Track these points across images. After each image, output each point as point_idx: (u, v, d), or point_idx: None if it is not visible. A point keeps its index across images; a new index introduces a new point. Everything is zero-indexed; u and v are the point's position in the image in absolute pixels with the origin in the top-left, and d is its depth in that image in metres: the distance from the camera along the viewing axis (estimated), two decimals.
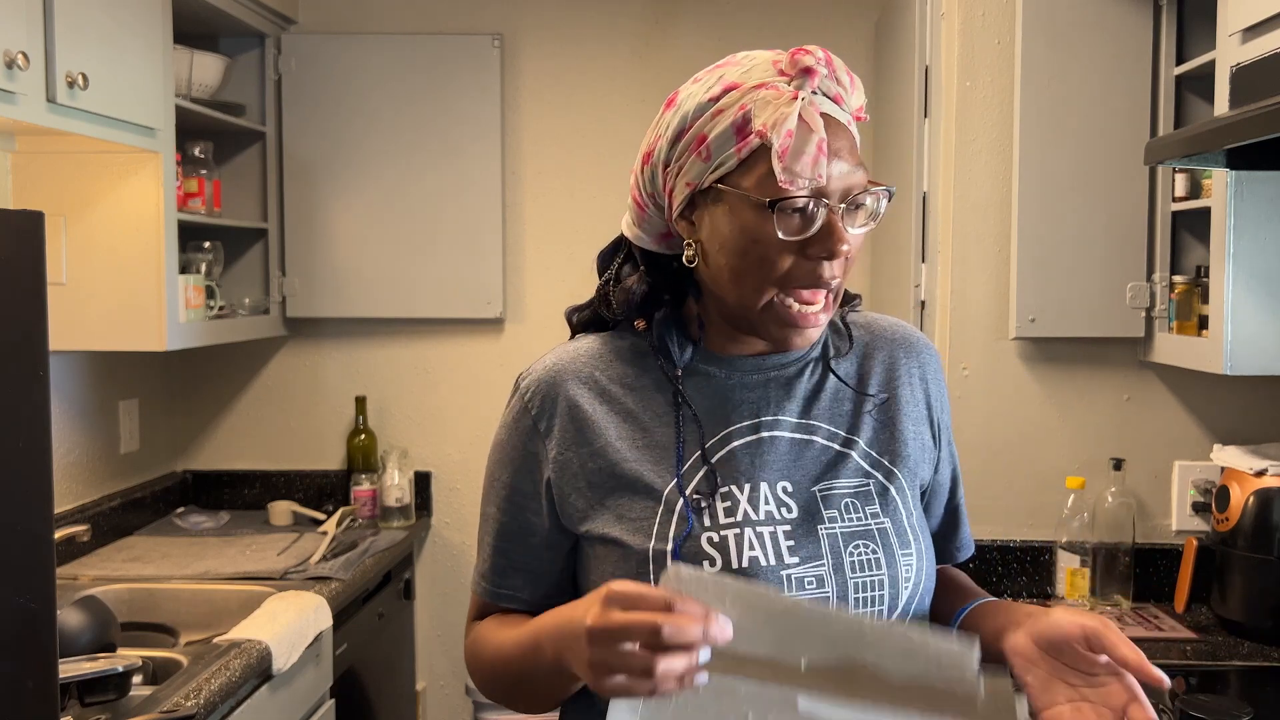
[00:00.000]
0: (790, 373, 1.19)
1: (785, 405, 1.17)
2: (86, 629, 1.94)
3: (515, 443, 1.19)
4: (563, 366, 1.18)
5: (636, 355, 1.19)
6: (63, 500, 2.65)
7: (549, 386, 1.17)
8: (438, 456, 3.32)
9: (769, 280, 1.08)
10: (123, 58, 2.26)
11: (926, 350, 1.26)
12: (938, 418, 1.24)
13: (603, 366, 1.18)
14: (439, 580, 3.33)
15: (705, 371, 1.18)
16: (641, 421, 1.15)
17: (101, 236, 2.44)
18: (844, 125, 1.08)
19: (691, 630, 0.88)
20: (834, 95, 1.08)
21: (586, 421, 1.15)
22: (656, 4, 3.23)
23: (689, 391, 1.17)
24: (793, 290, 1.08)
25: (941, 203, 2.39)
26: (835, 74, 1.07)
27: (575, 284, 3.27)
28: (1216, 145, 1.64)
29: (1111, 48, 2.23)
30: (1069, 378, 2.37)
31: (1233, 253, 1.92)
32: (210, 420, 3.32)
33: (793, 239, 1.06)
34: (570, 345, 1.22)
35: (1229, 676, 1.99)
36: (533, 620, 1.09)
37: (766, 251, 1.06)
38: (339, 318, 3.26)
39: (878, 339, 1.24)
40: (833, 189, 1.06)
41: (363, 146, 3.18)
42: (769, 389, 1.17)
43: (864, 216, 1.09)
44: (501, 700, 1.20)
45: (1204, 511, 2.27)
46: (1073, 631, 1.01)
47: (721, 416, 1.16)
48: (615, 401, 1.16)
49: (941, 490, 1.26)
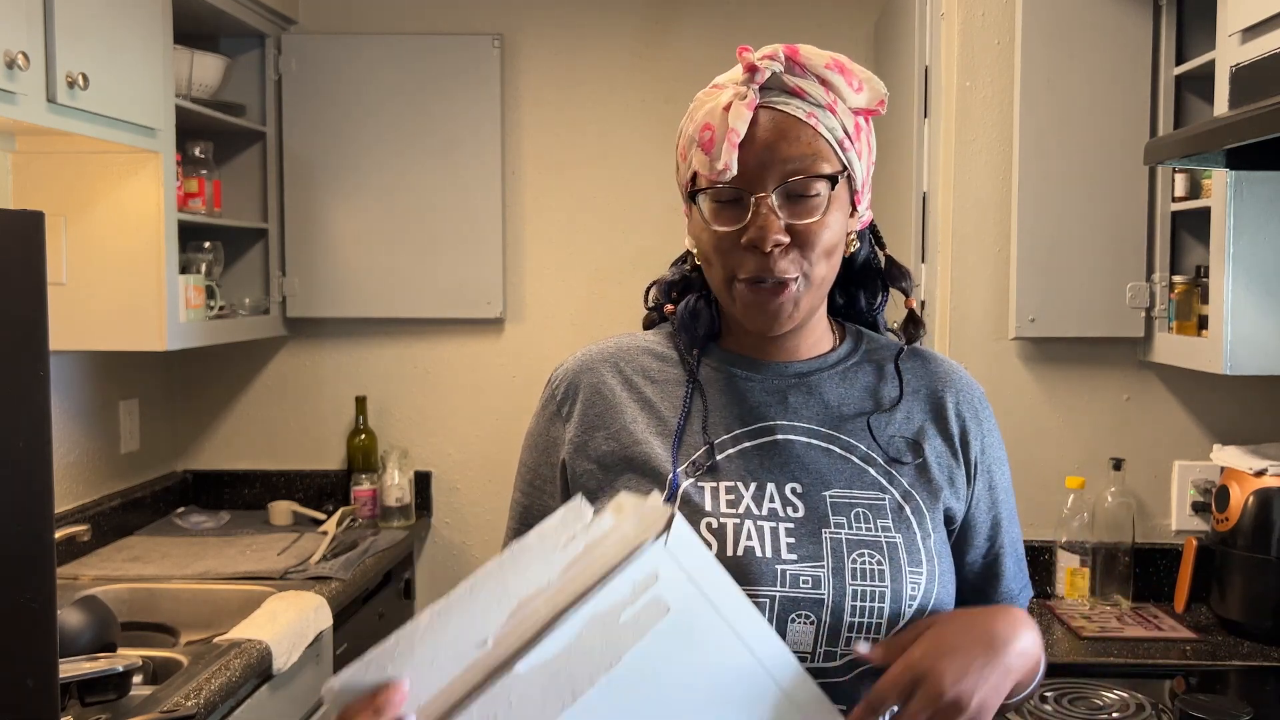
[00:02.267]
0: (811, 382, 1.18)
1: (803, 412, 1.16)
2: (87, 629, 1.94)
3: (540, 429, 1.23)
4: (590, 356, 1.23)
5: (663, 353, 1.22)
6: (63, 500, 2.65)
7: (575, 374, 1.22)
8: (438, 456, 3.32)
9: (725, 271, 1.11)
10: (123, 58, 2.26)
11: (973, 393, 1.24)
12: (975, 457, 1.20)
13: (629, 359, 1.22)
14: (439, 580, 3.32)
15: (727, 370, 1.19)
16: (658, 411, 1.17)
17: (102, 236, 2.44)
18: (796, 119, 1.09)
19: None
20: (793, 89, 1.09)
21: (606, 405, 1.18)
22: (657, 4, 3.23)
23: (707, 385, 1.18)
24: (746, 281, 1.11)
25: (941, 203, 2.39)
26: (800, 71, 1.09)
27: (575, 284, 3.28)
28: (1216, 145, 1.65)
29: (1111, 48, 2.23)
30: (1069, 378, 2.37)
31: (1232, 253, 1.92)
32: (210, 420, 3.32)
33: (726, 229, 1.09)
34: (603, 340, 1.26)
35: (1229, 676, 1.99)
36: None
37: (718, 243, 1.11)
38: (339, 318, 3.26)
39: (916, 373, 1.23)
40: (767, 180, 1.08)
41: (363, 147, 3.18)
42: (789, 394, 1.17)
43: (810, 208, 1.09)
44: None
45: (1204, 511, 2.27)
46: (898, 674, 1.00)
47: (736, 414, 1.16)
48: (636, 390, 1.19)
49: (975, 534, 1.22)
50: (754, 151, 1.08)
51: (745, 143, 1.07)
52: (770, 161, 1.08)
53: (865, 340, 1.24)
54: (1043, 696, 1.80)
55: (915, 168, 2.53)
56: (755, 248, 1.08)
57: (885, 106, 1.13)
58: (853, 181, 1.14)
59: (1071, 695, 1.81)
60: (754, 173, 1.08)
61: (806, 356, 1.19)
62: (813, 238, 1.09)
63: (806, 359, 1.19)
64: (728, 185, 1.08)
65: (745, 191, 1.08)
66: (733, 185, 1.08)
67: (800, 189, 1.08)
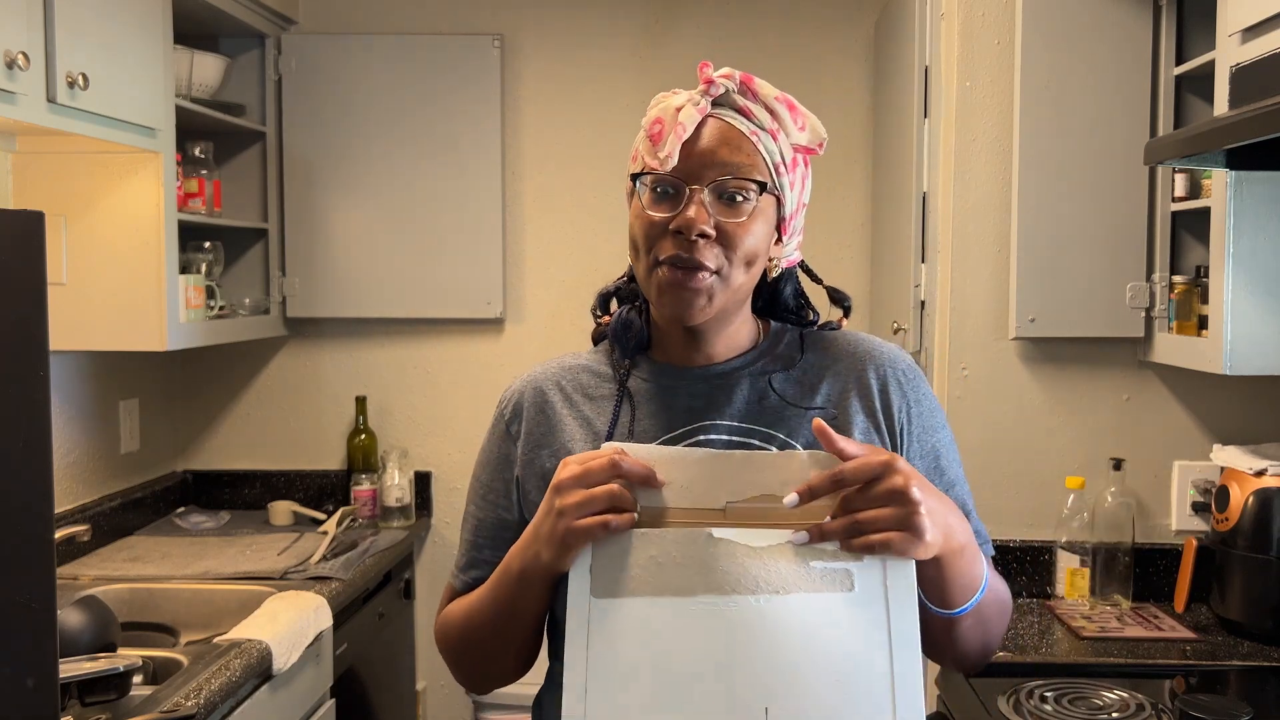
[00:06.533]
0: (732, 381, 1.24)
1: (725, 410, 1.22)
2: (87, 629, 1.94)
3: (492, 447, 1.30)
4: (534, 377, 1.31)
5: (600, 370, 1.30)
6: (63, 500, 2.65)
7: (520, 395, 1.30)
8: (438, 456, 3.32)
9: (649, 257, 1.18)
10: (123, 58, 2.26)
11: (894, 365, 1.26)
12: (901, 425, 1.23)
13: (569, 377, 1.29)
14: (439, 580, 3.32)
15: (654, 378, 1.26)
16: (594, 426, 1.24)
17: (102, 236, 2.44)
18: (740, 132, 1.18)
19: (637, 468, 1.07)
20: (741, 109, 1.19)
21: (549, 424, 1.26)
22: (656, 4, 3.23)
23: (636, 395, 1.25)
24: (666, 265, 1.17)
25: (941, 203, 2.39)
26: (751, 96, 1.19)
27: (575, 284, 3.28)
28: (1216, 145, 1.65)
29: (1111, 48, 2.23)
30: (1069, 378, 2.37)
31: (1232, 253, 1.92)
32: (210, 420, 3.32)
33: (659, 215, 1.17)
34: (548, 361, 1.33)
35: (1229, 676, 1.99)
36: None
37: (648, 229, 1.18)
38: (339, 318, 3.26)
39: (836, 356, 1.27)
40: (703, 176, 1.16)
41: (363, 146, 3.18)
42: (712, 395, 1.23)
43: (738, 210, 1.17)
44: (469, 660, 1.27)
45: (1204, 511, 2.27)
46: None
47: (664, 420, 1.23)
48: (575, 408, 1.26)
49: None
50: (696, 151, 1.16)
51: (689, 142, 1.16)
52: (709, 162, 1.16)
53: (785, 334, 1.29)
54: (1042, 696, 1.80)
55: (915, 168, 2.53)
56: (680, 234, 1.15)
57: (824, 149, 1.22)
58: (782, 207, 1.21)
59: (1071, 695, 1.81)
60: (693, 168, 1.16)
61: (725, 358, 1.26)
62: (735, 238, 1.16)
63: (724, 360, 1.26)
64: (667, 175, 1.16)
65: (682, 183, 1.16)
66: (672, 175, 1.16)
67: (732, 188, 1.16)
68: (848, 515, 1.05)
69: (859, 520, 1.04)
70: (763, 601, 1.04)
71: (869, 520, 1.04)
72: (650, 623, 1.06)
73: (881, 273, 3.01)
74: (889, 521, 1.04)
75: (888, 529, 1.04)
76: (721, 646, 1.04)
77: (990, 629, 1.22)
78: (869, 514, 1.04)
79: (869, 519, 1.04)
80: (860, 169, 3.19)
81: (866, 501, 1.05)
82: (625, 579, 1.07)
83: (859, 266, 3.21)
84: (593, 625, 1.07)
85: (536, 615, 1.19)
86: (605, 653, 1.06)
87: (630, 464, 1.07)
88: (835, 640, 1.04)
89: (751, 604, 1.04)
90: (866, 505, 1.05)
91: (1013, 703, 1.78)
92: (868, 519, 1.04)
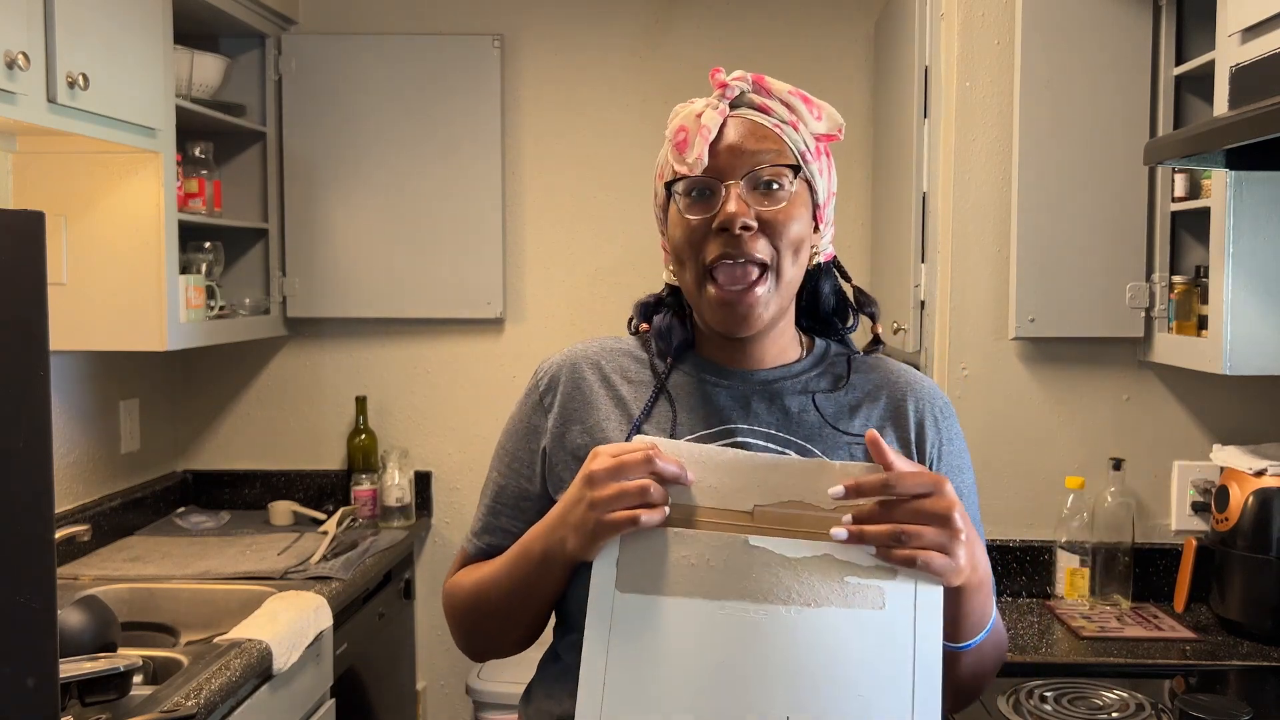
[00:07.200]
0: (775, 389, 1.24)
1: (764, 418, 1.22)
2: (87, 629, 1.94)
3: (522, 415, 1.30)
4: (574, 354, 1.30)
5: (643, 357, 1.30)
6: (63, 500, 2.65)
7: (558, 369, 1.29)
8: (438, 456, 3.32)
9: (697, 263, 1.18)
10: (123, 58, 2.26)
11: (933, 401, 1.27)
12: (931, 459, 1.24)
13: (609, 358, 1.29)
14: (439, 580, 3.32)
15: (697, 376, 1.26)
16: (630, 410, 1.24)
17: (102, 236, 2.44)
18: (764, 125, 1.19)
19: (671, 466, 1.07)
20: (759, 106, 1.20)
21: (584, 402, 1.26)
22: (656, 4, 3.23)
23: (676, 391, 1.25)
24: (717, 271, 1.17)
25: (941, 203, 2.39)
26: (765, 93, 1.21)
27: (575, 284, 3.28)
28: (1216, 145, 1.65)
29: (1111, 48, 2.23)
30: (1069, 378, 2.37)
31: (1232, 253, 1.92)
32: (210, 420, 3.32)
33: (698, 218, 1.17)
34: (590, 339, 1.33)
35: (1228, 676, 1.99)
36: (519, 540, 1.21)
37: (690, 234, 1.18)
38: (339, 318, 3.26)
39: (879, 383, 1.27)
40: (736, 170, 1.17)
41: (363, 147, 3.18)
42: (752, 400, 1.23)
43: (776, 197, 1.17)
44: (473, 628, 1.28)
45: (1203, 511, 2.27)
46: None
47: (700, 416, 1.22)
48: (613, 389, 1.26)
49: None
50: (724, 148, 1.17)
51: (715, 142, 1.17)
52: (739, 156, 1.17)
53: (831, 352, 1.30)
54: (1042, 696, 1.80)
55: (915, 168, 2.53)
56: (726, 230, 1.15)
57: (843, 134, 1.23)
58: (815, 194, 1.21)
59: (1071, 695, 1.81)
60: (724, 165, 1.17)
61: (771, 365, 1.26)
62: (780, 225, 1.17)
63: (771, 367, 1.26)
64: (700, 177, 1.17)
65: (716, 181, 1.17)
66: (704, 176, 1.17)
67: (767, 176, 1.17)
68: (892, 524, 1.04)
69: (904, 531, 1.04)
70: (794, 612, 1.05)
71: (913, 534, 1.04)
72: (676, 622, 1.06)
73: (881, 273, 3.01)
74: (931, 540, 1.04)
75: (929, 547, 1.04)
76: (748, 653, 1.04)
77: (985, 668, 1.22)
78: (914, 527, 1.04)
79: (914, 532, 1.04)
80: (860, 169, 3.19)
81: (911, 515, 1.04)
82: (654, 576, 1.07)
83: (859, 267, 3.21)
84: (615, 619, 1.07)
85: (550, 598, 1.19)
86: (626, 647, 1.06)
87: (665, 461, 1.07)
88: (861, 657, 1.05)
89: (783, 614, 1.05)
90: (911, 519, 1.04)
91: (1013, 703, 1.78)
92: (913, 532, 1.04)
